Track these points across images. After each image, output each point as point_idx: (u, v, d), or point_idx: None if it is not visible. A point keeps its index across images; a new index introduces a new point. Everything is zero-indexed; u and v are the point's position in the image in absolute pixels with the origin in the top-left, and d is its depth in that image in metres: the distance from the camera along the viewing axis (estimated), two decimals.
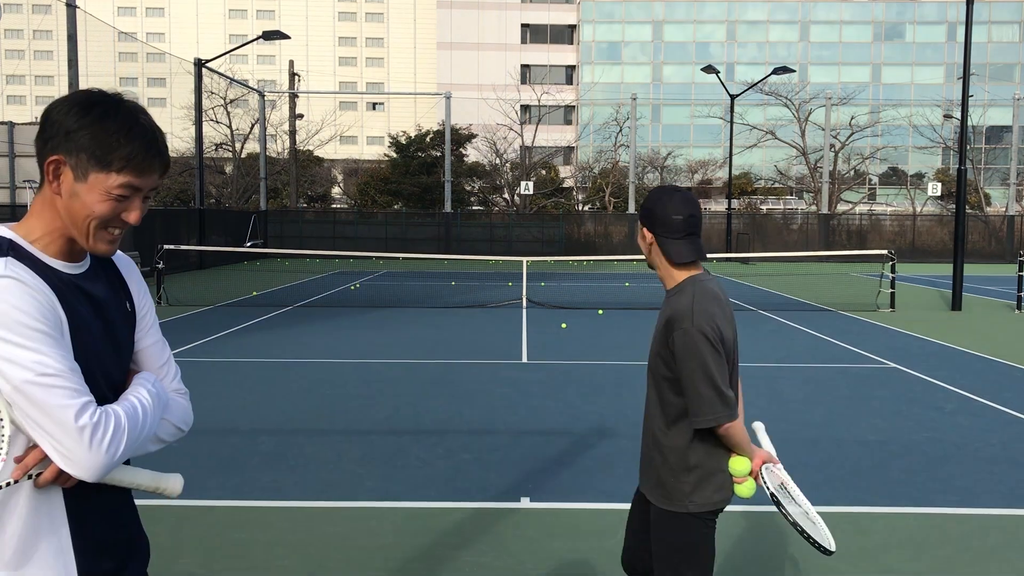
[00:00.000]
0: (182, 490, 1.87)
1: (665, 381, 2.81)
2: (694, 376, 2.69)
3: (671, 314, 2.76)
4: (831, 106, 41.89)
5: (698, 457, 2.80)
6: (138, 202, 1.76)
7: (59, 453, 1.62)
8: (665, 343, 2.77)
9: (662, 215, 2.82)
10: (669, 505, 2.83)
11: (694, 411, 2.71)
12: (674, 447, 2.82)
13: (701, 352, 2.68)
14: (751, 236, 39.44)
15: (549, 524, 5.24)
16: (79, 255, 1.78)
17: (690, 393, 2.71)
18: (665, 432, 2.84)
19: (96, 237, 1.74)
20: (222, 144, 46.62)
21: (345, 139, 67.23)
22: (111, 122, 1.70)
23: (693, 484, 2.80)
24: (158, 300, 17.15)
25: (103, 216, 1.71)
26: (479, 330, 13.99)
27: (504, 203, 49.84)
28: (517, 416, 8.05)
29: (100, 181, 1.69)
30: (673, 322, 2.74)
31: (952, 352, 12.19)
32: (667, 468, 2.83)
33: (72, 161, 1.69)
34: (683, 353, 2.70)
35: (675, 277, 2.86)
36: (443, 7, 79.20)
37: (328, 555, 4.75)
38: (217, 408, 8.27)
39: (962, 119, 17.92)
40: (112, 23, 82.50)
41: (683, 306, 2.74)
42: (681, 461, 2.81)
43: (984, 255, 38.99)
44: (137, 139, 1.71)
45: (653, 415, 2.90)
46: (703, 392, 2.68)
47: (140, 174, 1.72)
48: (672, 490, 2.82)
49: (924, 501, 5.73)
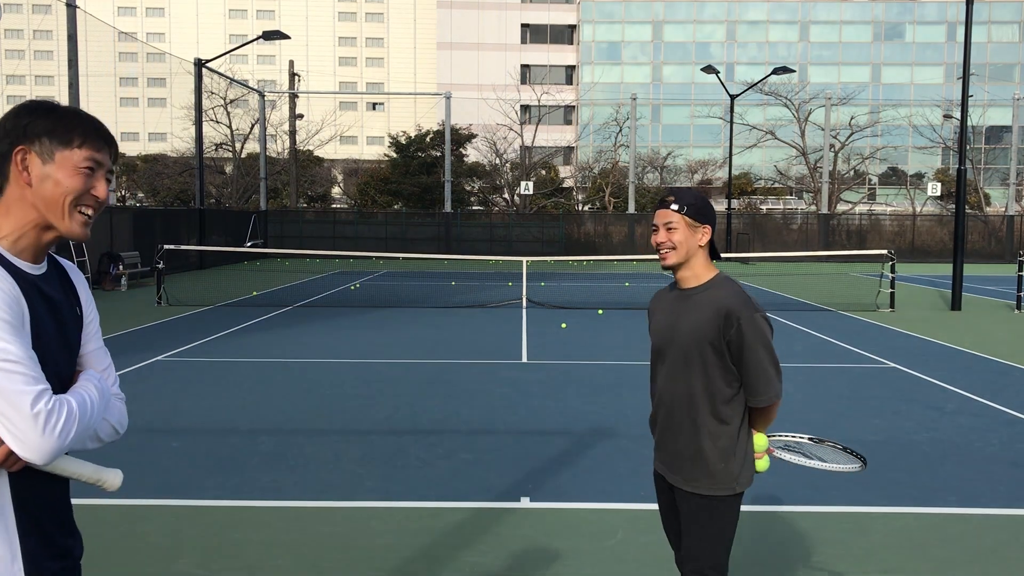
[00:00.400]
0: (120, 485, 1.96)
1: (717, 371, 2.90)
2: (763, 358, 2.87)
3: (723, 306, 2.87)
4: (831, 106, 41.89)
5: (743, 437, 2.97)
6: (102, 176, 1.90)
7: (13, 436, 1.71)
8: (721, 333, 2.87)
9: (713, 214, 2.99)
10: (718, 490, 2.93)
11: (761, 390, 2.89)
12: (725, 432, 2.93)
13: (766, 336, 2.88)
14: (751, 236, 39.44)
15: (549, 524, 5.24)
16: (40, 257, 1.89)
17: (758, 375, 2.87)
18: (716, 419, 2.93)
19: (72, 218, 1.85)
20: (222, 144, 46.61)
21: (345, 139, 67.22)
22: (59, 111, 1.87)
23: (740, 465, 2.95)
24: (158, 300, 17.16)
25: (77, 190, 1.84)
26: (479, 330, 13.99)
27: (504, 203, 49.84)
28: (517, 416, 8.05)
29: (67, 158, 1.84)
30: (733, 312, 2.86)
31: (952, 352, 12.19)
32: (718, 454, 2.93)
33: (36, 148, 1.83)
34: (752, 338, 2.85)
35: (710, 272, 2.99)
36: (443, 7, 79.21)
37: (327, 555, 4.75)
38: (217, 408, 8.27)
39: (962, 119, 17.92)
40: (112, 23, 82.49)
41: (737, 297, 2.88)
42: (732, 444, 2.94)
43: (984, 255, 38.99)
44: (86, 119, 1.89)
45: (696, 406, 2.94)
46: (770, 372, 2.88)
47: (98, 149, 1.88)
48: (722, 475, 2.93)
49: (924, 501, 5.73)
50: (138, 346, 11.95)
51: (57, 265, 1.97)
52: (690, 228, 2.94)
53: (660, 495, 3.19)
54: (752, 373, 2.88)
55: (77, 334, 1.96)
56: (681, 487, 3.01)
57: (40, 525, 1.85)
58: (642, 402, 8.66)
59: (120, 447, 6.85)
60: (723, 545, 2.96)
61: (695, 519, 2.97)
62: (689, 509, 2.99)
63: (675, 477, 3.03)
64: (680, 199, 2.95)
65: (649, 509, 5.42)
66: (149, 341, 12.45)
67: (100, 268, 20.92)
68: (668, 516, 3.19)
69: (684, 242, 2.93)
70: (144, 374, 9.94)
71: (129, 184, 57.68)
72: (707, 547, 2.95)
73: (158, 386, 9.26)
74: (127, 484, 6.33)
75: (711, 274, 2.98)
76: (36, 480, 1.85)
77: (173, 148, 54.25)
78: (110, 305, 17.19)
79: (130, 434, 7.28)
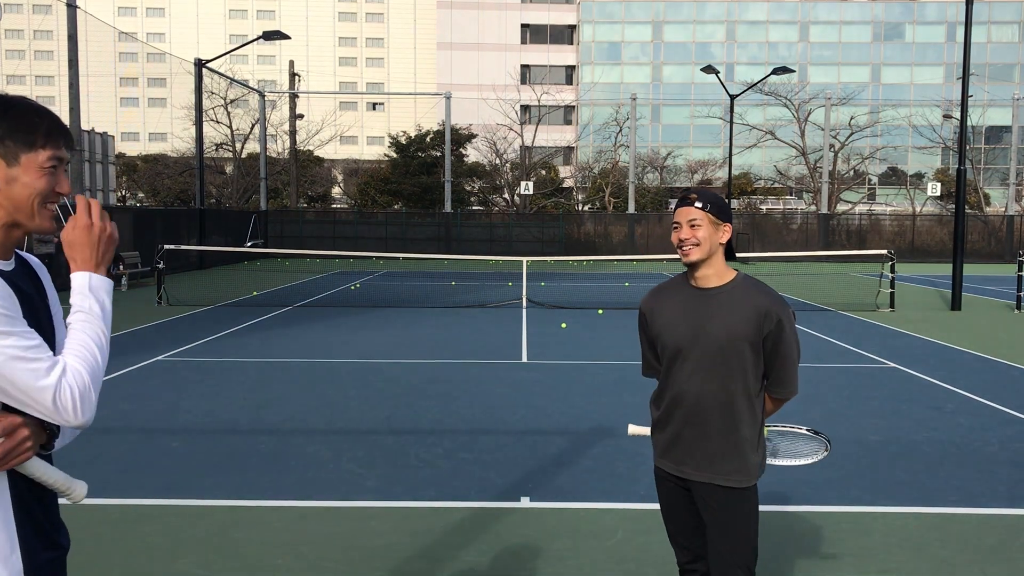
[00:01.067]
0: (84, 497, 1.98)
1: (752, 368, 2.99)
2: (795, 353, 3.02)
3: (768, 304, 2.97)
4: (831, 106, 41.90)
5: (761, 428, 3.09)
6: (63, 170, 1.94)
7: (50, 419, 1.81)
8: (759, 330, 2.95)
9: (731, 214, 3.06)
10: (746, 482, 3.00)
11: (792, 383, 3.04)
12: (755, 426, 3.03)
13: (796, 332, 3.04)
14: (751, 236, 39.44)
15: (549, 524, 5.24)
16: (9, 253, 1.93)
17: (790, 369, 3.02)
18: (751, 413, 3.02)
19: (40, 215, 1.90)
20: (222, 144, 46.63)
21: (345, 139, 67.24)
22: (15, 109, 1.87)
23: (761, 454, 3.07)
24: (158, 300, 17.16)
25: (44, 191, 1.88)
26: (479, 330, 13.99)
27: (504, 203, 49.85)
28: (517, 416, 8.05)
29: (32, 160, 1.87)
30: (770, 311, 2.96)
31: (952, 352, 12.19)
32: (750, 446, 3.01)
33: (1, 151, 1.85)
34: (791, 335, 3.00)
35: (731, 271, 3.06)
36: (443, 7, 79.20)
37: (327, 555, 4.75)
38: (217, 408, 8.27)
39: (962, 119, 17.92)
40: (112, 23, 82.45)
41: (769, 296, 3.00)
42: (757, 436, 3.05)
43: (983, 255, 38.99)
44: (44, 114, 1.90)
45: (733, 403, 2.99)
46: (797, 366, 3.05)
47: (58, 146, 1.90)
48: (751, 466, 3.02)
49: (924, 501, 5.73)
50: (138, 346, 11.95)
51: (23, 261, 2.01)
52: (712, 225, 2.98)
53: (669, 496, 3.14)
54: (786, 367, 3.01)
55: (51, 327, 2.00)
56: (713, 482, 2.99)
57: (33, 516, 1.90)
58: (642, 402, 8.66)
59: (120, 447, 6.86)
60: (752, 544, 3.02)
61: (728, 511, 2.97)
62: (719, 504, 2.98)
63: (703, 474, 3.01)
64: (703, 196, 3.02)
65: (649, 509, 5.42)
66: (149, 341, 12.45)
67: None
68: (680, 518, 3.15)
69: (707, 239, 2.97)
70: (144, 374, 9.94)
71: (129, 184, 57.68)
72: (737, 540, 3.00)
73: (158, 386, 9.26)
74: (128, 484, 6.32)
75: (732, 273, 3.03)
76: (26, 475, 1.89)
77: (173, 148, 54.26)
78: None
79: (130, 434, 7.28)
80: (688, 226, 2.98)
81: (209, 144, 41.31)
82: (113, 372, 9.96)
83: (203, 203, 29.64)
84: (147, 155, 60.02)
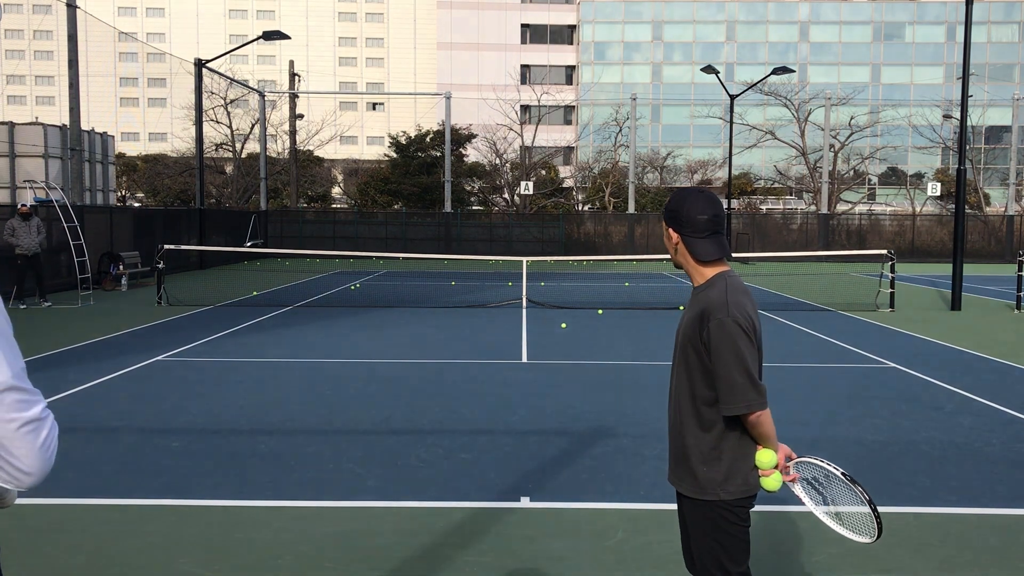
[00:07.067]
0: (13, 503, 1.93)
1: (697, 373, 2.88)
2: (729, 364, 2.77)
3: (705, 306, 2.85)
4: (831, 106, 41.88)
5: (729, 446, 2.89)
6: None
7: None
8: (699, 335, 2.85)
9: (688, 216, 2.93)
10: (703, 495, 2.91)
11: (727, 398, 2.79)
12: (706, 437, 2.90)
13: (736, 341, 2.77)
14: (751, 236, 39.44)
15: (549, 524, 5.24)
16: None
17: (724, 380, 2.79)
18: (697, 420, 2.91)
19: None
20: (222, 144, 46.61)
21: (345, 139, 67.19)
22: None
23: (724, 473, 2.88)
24: (158, 300, 17.16)
25: None
26: (479, 330, 13.98)
27: (504, 203, 49.82)
28: (517, 416, 8.05)
29: None
30: (708, 313, 2.83)
31: (952, 352, 12.18)
32: (699, 456, 2.90)
33: None
34: (718, 342, 2.78)
35: (704, 274, 2.96)
36: (443, 7, 79.20)
37: (328, 555, 4.74)
38: (217, 408, 8.27)
39: (961, 119, 17.92)
40: (112, 23, 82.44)
41: (717, 298, 2.84)
42: (712, 451, 2.89)
43: (983, 255, 38.98)
44: None
45: (683, 408, 2.95)
46: (737, 379, 2.76)
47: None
48: (705, 480, 2.90)
49: (924, 501, 5.73)
50: (138, 346, 11.95)
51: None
52: (666, 232, 3.03)
53: (677, 499, 3.16)
54: (718, 378, 2.80)
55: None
56: (674, 485, 3.05)
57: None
58: (642, 402, 8.67)
59: (120, 447, 6.86)
60: (725, 555, 2.90)
61: (691, 521, 2.99)
62: (684, 510, 3.03)
63: (671, 475, 3.07)
64: (665, 206, 3.05)
65: (649, 509, 5.42)
66: (149, 341, 12.45)
67: (100, 268, 20.92)
68: (680, 522, 3.16)
69: (668, 245, 3.03)
70: (144, 374, 9.94)
71: (129, 184, 57.65)
72: (706, 555, 2.94)
73: (158, 386, 9.26)
74: (128, 484, 6.30)
75: (709, 274, 2.96)
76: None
77: (173, 148, 54.25)
78: (110, 305, 17.19)
79: (130, 434, 7.28)
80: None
81: (209, 144, 41.30)
82: (113, 372, 9.97)
83: (203, 203, 29.63)
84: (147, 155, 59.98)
